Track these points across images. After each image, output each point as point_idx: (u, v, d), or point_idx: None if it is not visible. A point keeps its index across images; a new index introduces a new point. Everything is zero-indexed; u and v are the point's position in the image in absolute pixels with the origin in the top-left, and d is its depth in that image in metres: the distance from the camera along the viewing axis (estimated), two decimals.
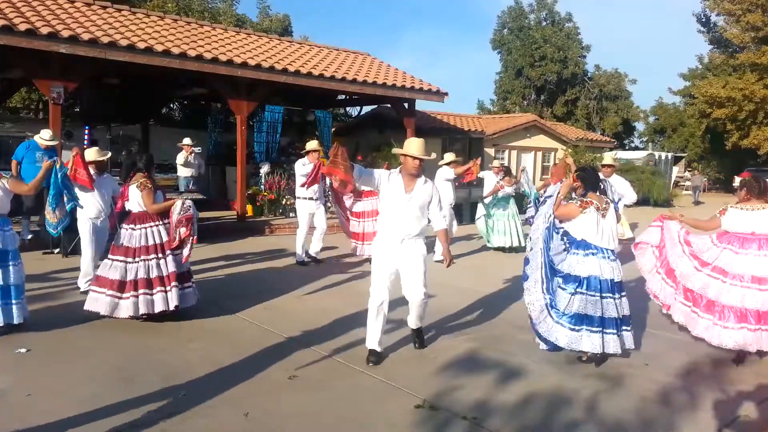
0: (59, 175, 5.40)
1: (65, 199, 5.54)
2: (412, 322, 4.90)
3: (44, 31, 8.54)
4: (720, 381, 4.38)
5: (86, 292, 5.52)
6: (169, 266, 5.30)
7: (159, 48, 9.81)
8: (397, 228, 4.51)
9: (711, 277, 4.80)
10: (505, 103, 39.07)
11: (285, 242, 10.03)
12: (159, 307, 5.21)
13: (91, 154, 6.24)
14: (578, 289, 4.46)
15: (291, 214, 12.64)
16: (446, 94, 14.32)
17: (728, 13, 28.76)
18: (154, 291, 5.22)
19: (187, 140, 12.04)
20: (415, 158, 4.47)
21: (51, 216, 5.59)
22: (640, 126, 42.40)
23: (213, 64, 10.43)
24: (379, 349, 4.61)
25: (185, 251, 5.34)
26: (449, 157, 9.22)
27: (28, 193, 5.34)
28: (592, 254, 4.53)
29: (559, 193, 4.78)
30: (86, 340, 4.93)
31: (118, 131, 14.32)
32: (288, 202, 12.64)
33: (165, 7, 19.59)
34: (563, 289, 4.53)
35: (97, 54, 9.13)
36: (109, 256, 5.35)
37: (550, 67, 36.45)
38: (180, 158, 11.83)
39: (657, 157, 24.59)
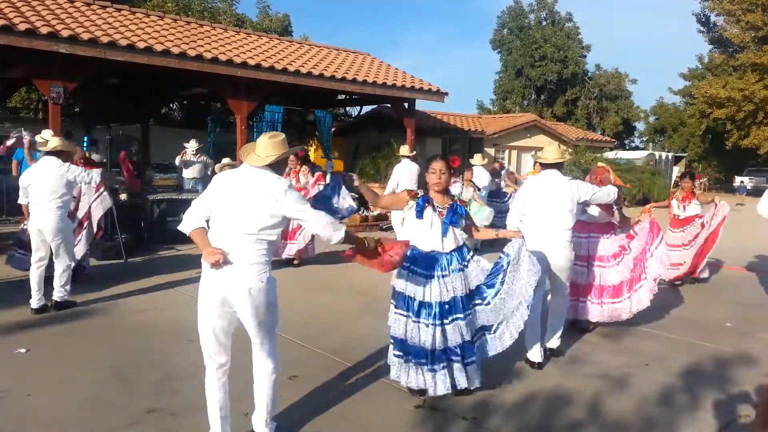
0: None
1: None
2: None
3: (44, 31, 8.53)
4: (720, 381, 4.38)
5: None
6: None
7: (159, 48, 9.81)
8: None
9: None
10: (505, 103, 39.03)
11: None
12: None
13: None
14: None
15: None
16: (446, 94, 14.33)
17: (728, 13, 28.75)
18: None
19: (192, 142, 11.61)
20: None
21: None
22: (640, 126, 42.38)
23: (213, 64, 10.43)
24: None
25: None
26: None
27: None
28: None
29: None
30: (86, 340, 4.93)
31: (117, 131, 14.30)
32: None
33: (165, 6, 19.57)
34: None
35: (97, 54, 9.12)
36: None
37: (550, 67, 36.41)
38: (177, 161, 11.75)
39: (657, 157, 24.59)
